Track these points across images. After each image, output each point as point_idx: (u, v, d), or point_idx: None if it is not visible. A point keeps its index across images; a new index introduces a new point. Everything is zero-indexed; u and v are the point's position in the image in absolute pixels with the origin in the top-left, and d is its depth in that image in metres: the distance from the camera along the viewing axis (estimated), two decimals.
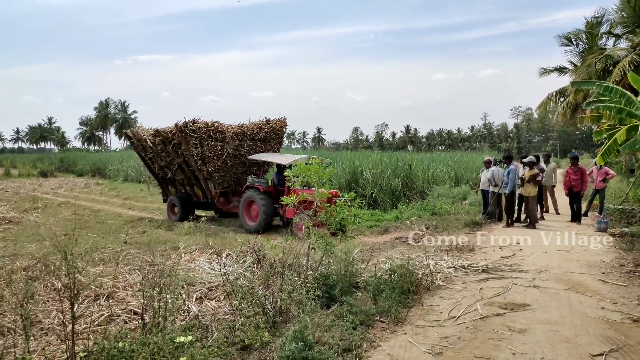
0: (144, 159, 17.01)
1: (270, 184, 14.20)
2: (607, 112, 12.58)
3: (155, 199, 21.80)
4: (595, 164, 13.24)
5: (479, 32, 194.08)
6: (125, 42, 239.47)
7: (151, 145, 15.72)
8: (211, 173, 14.76)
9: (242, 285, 6.05)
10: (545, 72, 28.40)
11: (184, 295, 6.05)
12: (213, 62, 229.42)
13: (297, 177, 7.49)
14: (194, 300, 6.23)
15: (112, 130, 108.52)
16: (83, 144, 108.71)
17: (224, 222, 15.21)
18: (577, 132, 78.19)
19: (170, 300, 4.87)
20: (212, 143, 14.52)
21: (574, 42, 26.54)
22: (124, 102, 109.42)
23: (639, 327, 4.81)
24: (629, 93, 12.68)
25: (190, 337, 3.81)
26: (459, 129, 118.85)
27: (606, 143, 12.47)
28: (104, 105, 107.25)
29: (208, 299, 6.48)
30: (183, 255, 8.60)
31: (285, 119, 16.57)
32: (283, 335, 4.42)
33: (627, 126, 11.94)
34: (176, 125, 14.35)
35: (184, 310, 5.68)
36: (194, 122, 14.30)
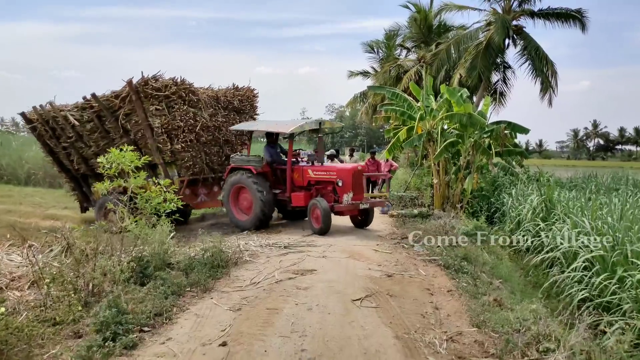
0: (52, 150, 12.79)
1: (263, 162, 10.79)
2: (394, 114, 15.08)
3: None
4: (383, 157, 15.73)
5: (300, 31, 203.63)
6: None
7: (75, 123, 11.56)
8: (177, 153, 10.88)
9: (50, 272, 6.08)
10: (352, 74, 31.79)
11: None
12: (3, 32, 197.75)
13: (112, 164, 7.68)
14: None
15: None
16: None
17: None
18: (381, 130, 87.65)
19: None
20: (184, 108, 10.82)
21: (375, 50, 30.26)
22: None
23: (390, 280, 6.37)
24: (410, 99, 15.36)
25: (3, 309, 3.99)
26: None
27: (392, 140, 14.96)
28: None
29: (10, 289, 6.34)
30: None
31: (254, 89, 13.51)
32: (97, 306, 4.81)
33: (407, 127, 14.50)
34: (130, 83, 10.43)
35: None
36: (155, 78, 10.67)
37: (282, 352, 4.04)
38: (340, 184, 9.78)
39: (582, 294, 6.44)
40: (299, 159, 11.00)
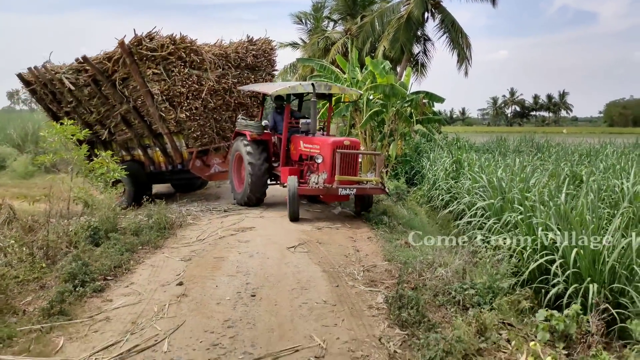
0: (56, 115, 11.36)
1: (266, 128, 9.70)
2: None
3: None
4: None
5: None
6: None
7: (71, 88, 10.29)
8: (182, 122, 9.70)
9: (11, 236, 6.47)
10: (281, 45, 32.14)
11: None
12: None
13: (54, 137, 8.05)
14: None
15: None
16: None
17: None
18: None
19: None
20: (186, 71, 9.50)
21: (303, 21, 30.78)
22: None
23: (319, 231, 7.41)
24: (337, 70, 16.31)
25: None
26: None
27: (322, 110, 15.88)
28: None
29: None
30: None
31: (272, 40, 11.87)
32: (62, 262, 5.41)
33: (335, 97, 15.47)
34: (122, 44, 9.12)
35: None
36: (150, 37, 9.25)
37: (231, 286, 4.92)
38: (319, 160, 8.37)
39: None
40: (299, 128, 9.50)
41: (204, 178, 10.95)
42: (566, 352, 3.67)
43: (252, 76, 11.09)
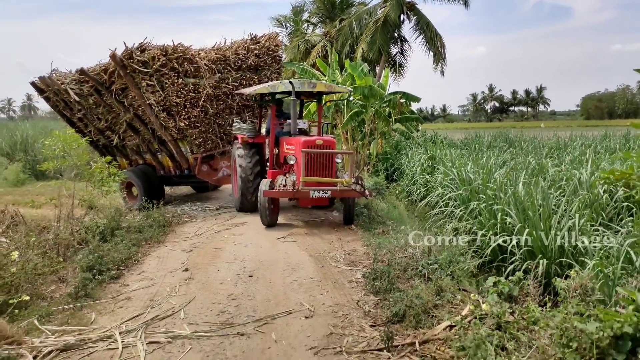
0: (71, 120, 11.72)
1: (260, 131, 9.85)
2: None
3: None
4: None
5: (204, 1, 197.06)
6: None
7: (76, 99, 10.44)
8: (183, 130, 9.73)
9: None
10: None
11: None
12: None
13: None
14: None
15: None
16: None
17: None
18: None
19: None
20: (180, 81, 9.44)
21: (283, 24, 31.60)
22: None
23: (306, 224, 8.22)
24: (318, 73, 17.12)
25: (15, 254, 5.23)
26: None
27: (304, 112, 16.67)
28: None
29: None
30: None
31: (277, 34, 11.63)
32: (78, 255, 6.12)
33: (324, 96, 16.27)
34: (113, 56, 9.03)
35: None
36: (142, 48, 9.21)
37: (230, 270, 5.69)
38: (291, 161, 8.21)
39: (451, 225, 8.61)
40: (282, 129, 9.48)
41: (212, 182, 10.85)
42: (510, 311, 4.50)
43: (256, 77, 10.73)
